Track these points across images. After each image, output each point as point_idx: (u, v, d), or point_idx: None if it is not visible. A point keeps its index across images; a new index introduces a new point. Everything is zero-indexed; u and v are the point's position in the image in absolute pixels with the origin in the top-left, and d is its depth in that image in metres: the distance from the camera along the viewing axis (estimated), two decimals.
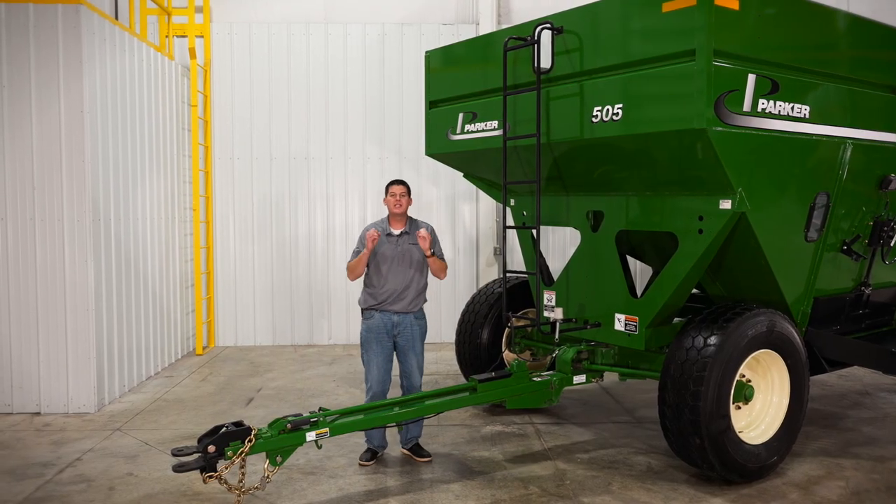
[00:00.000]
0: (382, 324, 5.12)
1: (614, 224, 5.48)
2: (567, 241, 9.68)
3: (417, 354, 5.23)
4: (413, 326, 5.20)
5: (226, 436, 4.12)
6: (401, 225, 5.19)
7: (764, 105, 4.60)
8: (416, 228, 5.17)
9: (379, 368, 5.12)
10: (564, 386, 5.44)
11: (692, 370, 4.58)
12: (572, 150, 5.24)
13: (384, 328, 5.12)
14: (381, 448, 5.25)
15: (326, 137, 9.58)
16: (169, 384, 7.47)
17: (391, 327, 5.13)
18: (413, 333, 5.20)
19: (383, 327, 5.12)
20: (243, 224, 9.57)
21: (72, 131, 6.34)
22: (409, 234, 5.17)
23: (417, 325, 5.24)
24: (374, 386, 5.13)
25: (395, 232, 5.17)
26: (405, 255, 5.14)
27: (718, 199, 4.70)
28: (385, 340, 5.14)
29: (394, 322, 5.13)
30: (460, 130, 6.04)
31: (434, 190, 9.67)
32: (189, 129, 9.03)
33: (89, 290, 6.40)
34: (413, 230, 5.17)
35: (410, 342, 5.18)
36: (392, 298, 5.11)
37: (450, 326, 9.44)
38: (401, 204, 5.14)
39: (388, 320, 5.12)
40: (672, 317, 5.42)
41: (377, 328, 5.13)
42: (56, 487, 4.73)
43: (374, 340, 5.13)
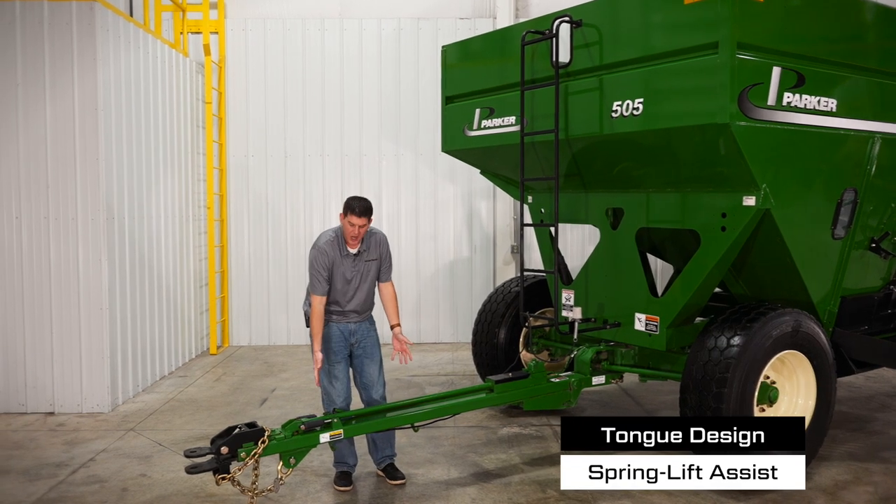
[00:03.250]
0: (339, 332, 4.76)
1: (634, 221, 5.36)
2: (585, 238, 9.55)
3: (378, 362, 4.86)
4: (370, 332, 4.86)
5: (239, 437, 4.06)
6: (356, 243, 4.72)
7: (789, 98, 4.46)
8: (372, 243, 4.80)
9: (341, 379, 4.76)
10: (583, 387, 5.33)
11: (715, 371, 4.45)
12: (591, 146, 5.13)
13: (342, 337, 4.77)
14: (355, 466, 4.90)
15: (342, 134, 9.51)
16: (183, 384, 7.43)
17: (348, 335, 4.78)
18: (371, 340, 4.85)
19: (340, 336, 4.76)
20: (258, 222, 9.52)
21: (86, 129, 6.31)
22: (367, 250, 4.77)
23: (374, 331, 4.90)
24: (340, 399, 4.76)
25: (353, 251, 4.73)
26: (365, 273, 4.78)
27: (742, 196, 4.57)
28: (342, 349, 4.77)
29: (351, 330, 4.78)
30: (477, 126, 5.94)
31: (450, 187, 9.57)
32: (203, 127, 8.99)
33: (103, 289, 6.36)
34: (370, 246, 4.79)
35: (370, 350, 4.83)
36: (351, 314, 4.78)
37: (466, 326, 9.38)
38: (357, 236, 4.64)
39: (346, 329, 4.77)
40: (694, 316, 5.30)
41: (336, 336, 4.76)
42: (69, 488, 4.68)
43: (334, 349, 4.74)
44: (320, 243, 4.74)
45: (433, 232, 9.59)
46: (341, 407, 4.75)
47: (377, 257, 4.84)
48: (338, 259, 4.71)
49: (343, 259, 4.73)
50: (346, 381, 4.82)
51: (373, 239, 4.84)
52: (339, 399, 4.77)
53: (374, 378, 4.85)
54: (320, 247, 4.72)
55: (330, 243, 4.73)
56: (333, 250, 4.72)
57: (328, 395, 4.80)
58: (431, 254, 9.61)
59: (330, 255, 4.70)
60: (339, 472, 4.83)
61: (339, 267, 4.72)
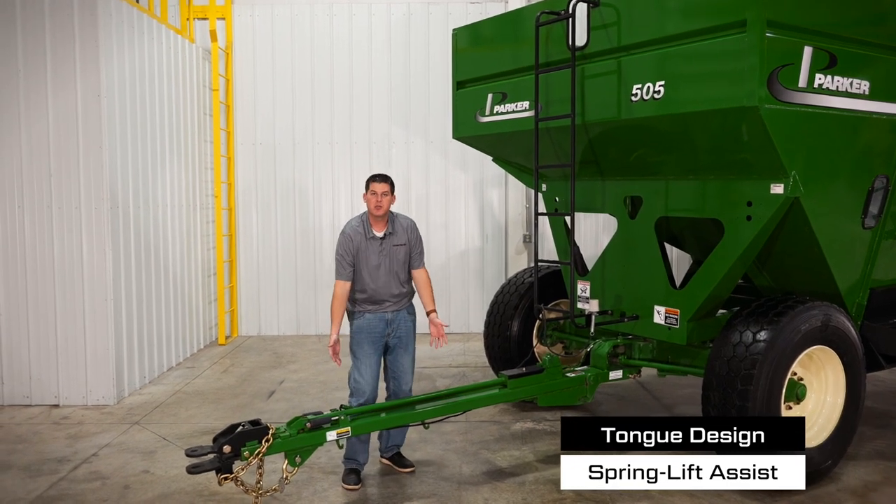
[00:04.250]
0: (376, 322, 4.62)
1: (654, 210, 5.15)
2: (600, 227, 9.34)
3: (411, 354, 4.73)
4: (407, 322, 4.70)
5: (242, 435, 3.91)
6: (383, 226, 4.63)
7: (821, 80, 4.22)
8: (399, 227, 4.69)
9: (371, 370, 4.59)
10: (600, 382, 5.16)
11: (740, 368, 4.25)
12: (609, 132, 4.91)
13: (378, 327, 4.62)
14: (364, 464, 4.72)
15: (351, 121, 9.32)
16: (190, 375, 7.30)
17: (385, 326, 4.64)
18: (408, 330, 4.70)
19: (377, 325, 4.62)
20: (266, 211, 9.36)
21: (88, 117, 6.15)
22: (393, 234, 4.66)
23: (411, 321, 4.74)
24: (368, 392, 4.58)
25: (378, 234, 4.62)
26: (392, 259, 4.63)
27: (769, 184, 4.35)
28: (378, 340, 4.62)
29: (387, 320, 4.63)
30: (489, 112, 5.74)
31: (461, 175, 9.37)
32: (210, 114, 8.82)
33: (107, 279, 6.22)
34: (397, 230, 4.69)
35: (405, 341, 4.68)
36: (383, 304, 4.63)
37: (477, 316, 9.21)
38: (381, 205, 4.54)
39: (382, 319, 4.63)
40: (716, 309, 5.09)
41: (370, 327, 4.61)
42: (70, 485, 4.55)
43: (366, 341, 4.60)
44: (346, 228, 4.69)
45: (444, 220, 9.39)
46: (368, 398, 4.60)
47: (405, 242, 4.70)
48: (363, 243, 4.61)
49: (369, 243, 4.62)
50: (376, 373, 4.65)
51: (399, 223, 4.74)
52: (368, 390, 4.60)
53: (406, 369, 4.74)
54: (345, 232, 4.67)
55: (354, 228, 4.66)
56: (358, 235, 4.63)
57: (357, 384, 4.62)
58: (442, 243, 9.42)
59: (355, 239, 4.62)
60: (347, 469, 4.67)
61: (365, 251, 4.62)
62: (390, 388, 4.80)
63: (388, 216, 4.69)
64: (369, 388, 4.60)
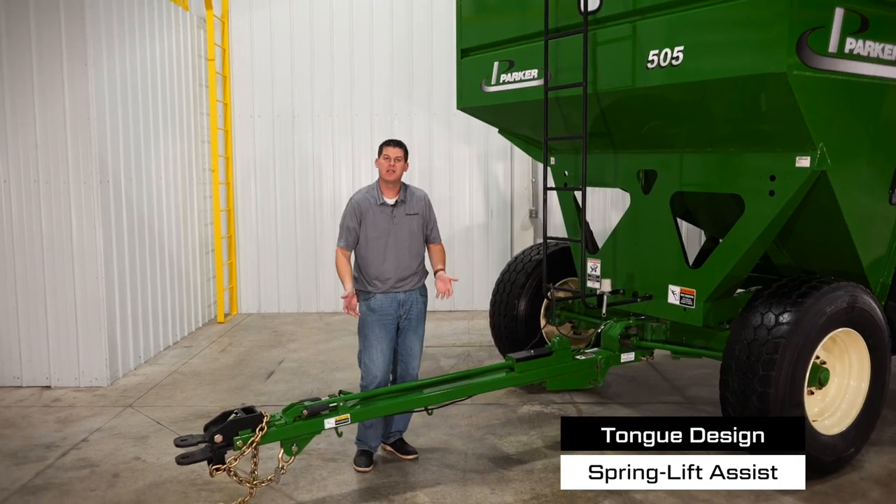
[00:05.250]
0: (388, 303, 4.40)
1: (669, 185, 4.88)
2: (608, 202, 9.07)
3: (420, 336, 4.55)
4: (419, 303, 4.51)
5: (235, 424, 3.70)
6: (394, 193, 4.43)
7: (852, 45, 3.93)
8: (412, 197, 4.51)
9: (383, 355, 4.38)
10: (611, 365, 4.93)
11: (761, 352, 4.02)
12: (623, 102, 4.63)
13: (390, 308, 4.40)
14: (377, 448, 4.58)
15: (351, 93, 9.01)
16: (187, 355, 7.10)
17: (397, 307, 4.42)
18: (419, 312, 4.51)
19: (389, 306, 4.40)
20: (265, 185, 9.09)
21: (75, 86, 5.87)
22: (405, 202, 4.45)
23: (423, 302, 4.55)
24: (380, 375, 4.38)
25: (390, 202, 4.41)
26: (402, 229, 4.42)
27: (795, 156, 4.08)
28: (389, 323, 4.41)
29: (399, 301, 4.41)
30: (495, 81, 5.45)
31: (465, 148, 9.08)
32: (206, 86, 8.52)
33: (98, 256, 5.99)
34: (409, 199, 4.48)
35: (415, 323, 4.49)
36: (395, 279, 4.40)
37: (482, 294, 8.97)
38: (394, 170, 4.35)
39: (394, 300, 4.41)
40: (734, 289, 4.85)
41: (382, 309, 4.39)
42: (57, 473, 4.36)
43: (376, 323, 4.38)
44: (354, 195, 4.52)
45: (448, 195, 9.12)
46: (380, 382, 4.40)
47: (418, 212, 4.49)
48: (371, 209, 4.41)
49: (379, 209, 4.41)
50: (387, 356, 4.44)
51: (413, 192, 4.53)
52: (379, 373, 4.39)
53: (415, 352, 4.56)
54: (353, 198, 4.49)
55: (363, 195, 4.47)
56: (366, 202, 4.44)
57: (367, 369, 4.43)
58: (446, 218, 9.13)
59: (362, 206, 4.43)
60: (359, 451, 4.51)
61: (373, 219, 4.41)
62: (398, 371, 4.60)
63: (400, 184, 4.47)
64: (381, 373, 4.40)
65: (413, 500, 4.02)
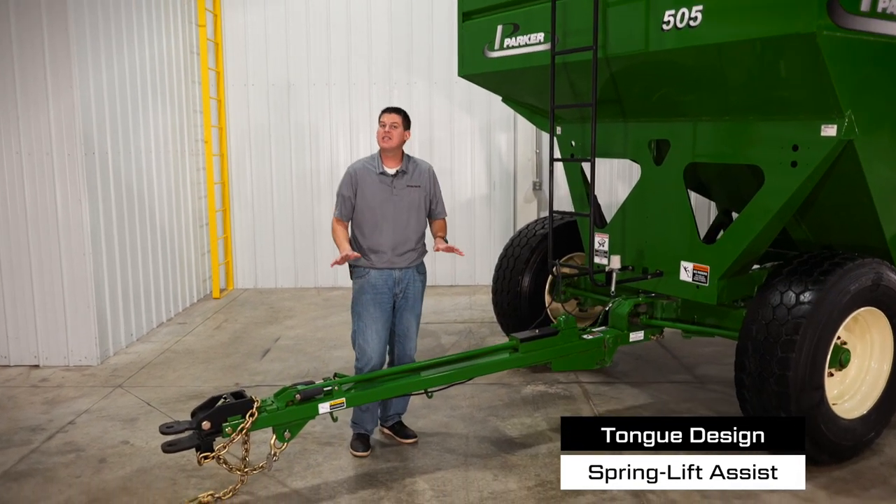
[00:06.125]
0: (382, 281, 4.16)
1: (682, 156, 4.62)
2: (614, 174, 8.81)
3: (417, 316, 4.31)
4: (416, 282, 4.27)
5: (223, 410, 3.50)
6: (395, 163, 4.19)
7: (885, 4, 3.65)
8: (416, 168, 4.24)
9: (378, 335, 4.16)
10: (619, 344, 4.72)
11: (781, 333, 3.79)
12: (636, 66, 4.35)
13: (385, 287, 4.17)
14: (372, 431, 4.38)
15: (349, 61, 8.70)
16: (181, 332, 6.90)
17: (392, 285, 4.19)
18: (416, 291, 4.27)
19: (384, 285, 4.16)
20: (260, 157, 8.82)
21: (56, 53, 5.58)
22: (406, 173, 4.19)
23: (421, 281, 4.32)
24: (376, 358, 4.15)
25: (390, 171, 4.16)
26: (402, 200, 4.17)
27: (820, 124, 3.82)
28: (385, 302, 4.17)
29: (395, 279, 4.18)
30: (499, 46, 5.16)
31: (467, 118, 8.79)
32: (198, 53, 8.22)
33: (84, 231, 5.75)
34: (412, 170, 4.22)
35: (412, 302, 4.25)
36: (391, 254, 4.17)
37: (484, 268, 8.76)
38: (390, 136, 4.10)
39: (389, 277, 4.17)
40: (750, 265, 4.61)
41: (376, 287, 4.15)
42: (41, 458, 4.17)
43: (371, 302, 4.15)
44: (353, 163, 4.29)
45: (449, 167, 8.85)
46: (375, 364, 4.17)
47: (421, 185, 4.24)
48: (369, 178, 4.17)
49: (378, 179, 4.16)
50: (382, 337, 4.21)
51: (416, 164, 4.28)
52: (374, 355, 4.17)
53: (411, 332, 4.32)
54: (351, 166, 4.27)
55: (363, 164, 4.24)
56: (365, 171, 4.19)
57: (362, 350, 4.20)
58: (447, 190, 8.85)
59: (359, 174, 4.19)
60: (356, 434, 4.31)
61: (371, 189, 4.16)
62: (394, 352, 4.38)
63: (401, 154, 4.22)
64: (377, 355, 4.17)
65: (412, 487, 3.83)
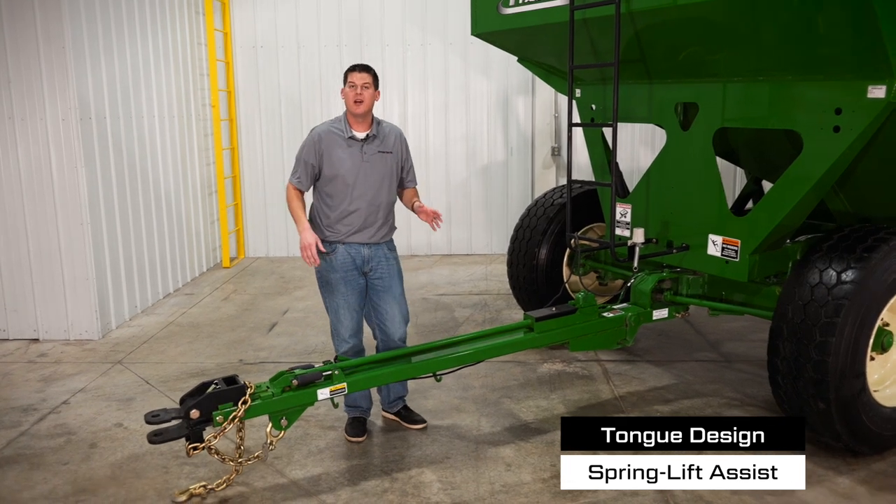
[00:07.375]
0: (351, 259, 3.85)
1: (712, 120, 4.26)
2: (636, 140, 8.41)
3: (397, 298, 3.96)
4: (389, 260, 3.94)
5: (214, 397, 3.26)
6: (365, 126, 3.82)
7: None
8: (386, 132, 3.89)
9: (353, 314, 3.87)
10: (642, 323, 4.42)
11: (819, 315, 3.48)
12: (661, 22, 3.98)
13: (352, 265, 3.85)
14: (369, 411, 4.15)
15: (360, 21, 8.33)
16: (187, 304, 6.70)
17: (361, 263, 3.87)
18: (390, 270, 3.94)
19: (352, 263, 3.85)
20: (271, 121, 8.54)
21: (48, 12, 5.29)
22: (377, 137, 3.84)
23: (393, 258, 3.99)
24: (352, 340, 3.90)
25: (359, 136, 3.80)
26: (373, 167, 3.82)
27: (867, 86, 3.43)
28: (354, 279, 3.86)
29: (364, 257, 3.87)
30: (514, 1, 4.79)
31: (484, 81, 8.41)
32: (203, 13, 7.89)
33: (82, 200, 5.53)
34: (382, 134, 3.87)
35: (388, 282, 3.92)
36: (361, 227, 3.83)
37: (501, 236, 8.48)
38: (362, 99, 3.73)
39: (358, 255, 3.86)
40: (784, 240, 4.27)
41: (343, 265, 3.84)
42: (30, 442, 3.98)
43: (340, 280, 3.84)
44: (316, 128, 3.88)
45: (465, 132, 8.51)
46: (355, 345, 3.92)
47: (392, 150, 3.88)
48: (336, 143, 3.79)
49: (347, 143, 3.80)
50: (358, 314, 3.94)
51: (385, 127, 3.92)
52: (351, 335, 3.91)
53: (393, 316, 3.97)
54: (314, 130, 3.85)
55: (327, 127, 3.85)
56: (331, 135, 3.81)
57: (337, 333, 3.95)
58: (462, 156, 8.57)
59: (325, 139, 3.80)
60: (351, 419, 4.08)
61: (339, 154, 3.79)
62: (378, 340, 4.06)
63: (371, 116, 3.86)
64: (349, 334, 3.90)
65: (419, 478, 3.60)
